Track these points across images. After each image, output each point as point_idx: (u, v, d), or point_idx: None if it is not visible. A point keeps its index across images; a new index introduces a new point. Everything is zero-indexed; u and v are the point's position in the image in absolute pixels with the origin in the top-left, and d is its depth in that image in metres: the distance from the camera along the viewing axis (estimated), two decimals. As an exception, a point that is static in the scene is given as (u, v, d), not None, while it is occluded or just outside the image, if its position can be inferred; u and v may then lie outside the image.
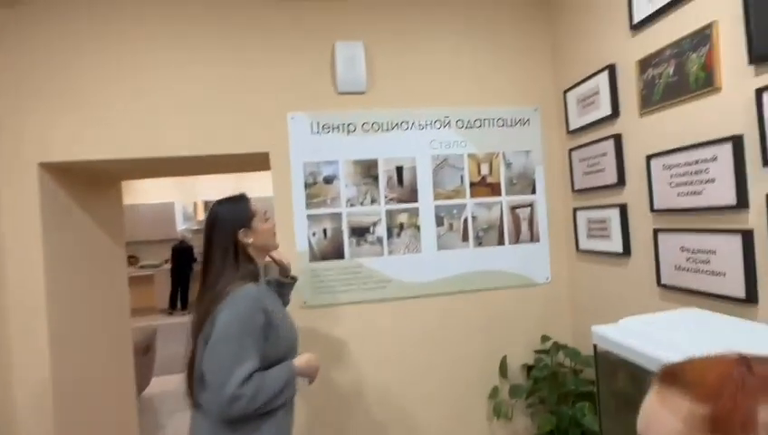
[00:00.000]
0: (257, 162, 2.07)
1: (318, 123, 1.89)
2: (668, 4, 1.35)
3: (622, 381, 1.12)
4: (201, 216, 7.47)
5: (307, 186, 1.88)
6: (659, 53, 1.41)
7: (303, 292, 1.85)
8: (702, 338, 0.99)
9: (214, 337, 1.04)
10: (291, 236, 1.86)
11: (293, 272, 1.52)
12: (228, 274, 1.13)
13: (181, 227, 7.37)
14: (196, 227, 7.43)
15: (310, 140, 1.88)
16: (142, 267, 7.09)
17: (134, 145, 1.77)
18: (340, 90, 1.90)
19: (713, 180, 1.23)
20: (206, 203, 7.45)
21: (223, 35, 1.84)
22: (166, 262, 7.29)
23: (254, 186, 7.05)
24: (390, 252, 1.93)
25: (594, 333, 1.14)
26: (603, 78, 1.68)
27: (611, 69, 1.63)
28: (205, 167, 2.76)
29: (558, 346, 1.87)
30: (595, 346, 1.15)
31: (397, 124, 1.95)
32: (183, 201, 7.53)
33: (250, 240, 1.20)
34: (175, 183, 7.46)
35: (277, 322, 1.14)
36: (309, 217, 1.87)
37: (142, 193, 7.38)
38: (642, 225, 1.54)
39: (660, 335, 1.01)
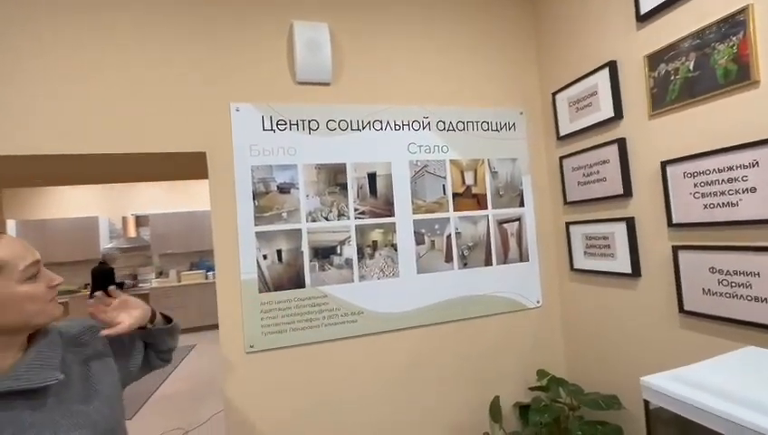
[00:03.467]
0: (196, 168, 1.63)
1: (271, 118, 1.51)
2: (686, -11, 1.18)
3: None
4: (132, 232, 6.56)
5: (256, 196, 1.48)
6: (674, 45, 1.23)
7: (248, 333, 1.43)
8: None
9: None
10: (234, 261, 1.44)
11: None
12: None
13: (107, 245, 6.39)
14: (126, 246, 6.50)
15: (260, 137, 1.50)
16: (54, 294, 5.96)
17: (23, 139, 1.27)
18: (300, 78, 1.54)
19: (753, 189, 1.05)
20: (137, 217, 6.56)
21: (149, 9, 1.42)
22: (86, 286, 6.25)
23: (202, 197, 6.40)
24: (362, 277, 1.57)
25: (645, 387, 0.87)
26: (602, 76, 1.50)
27: (612, 66, 1.45)
28: (126, 172, 2.25)
29: (557, 382, 1.62)
30: (646, 403, 0.88)
31: (369, 123, 1.63)
32: (109, 215, 6.57)
33: None
34: (100, 194, 6.52)
35: None
36: (258, 235, 1.47)
37: (58, 206, 6.35)
38: (656, 241, 1.35)
39: (737, 390, 0.76)
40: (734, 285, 1.11)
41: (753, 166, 1.04)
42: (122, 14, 1.40)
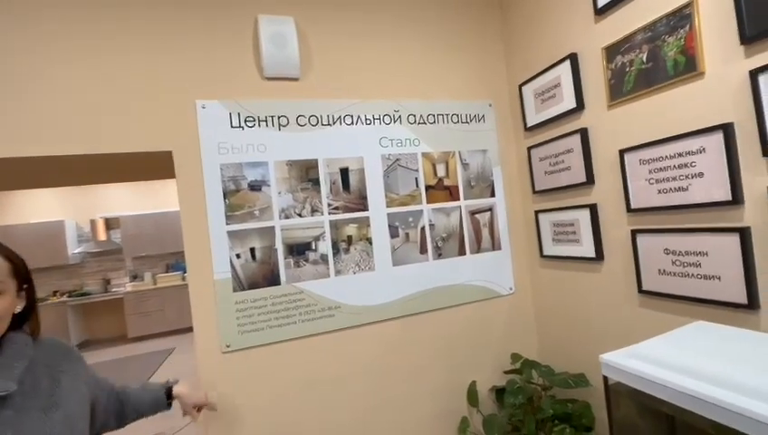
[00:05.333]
0: (163, 168, 1.59)
1: (239, 114, 1.49)
2: (638, -16, 1.23)
3: (639, 417, 0.92)
4: (102, 235, 6.32)
5: (227, 194, 1.46)
6: (629, 38, 1.29)
7: (224, 332, 1.42)
8: (727, 360, 0.83)
9: None
10: (206, 261, 1.42)
11: None
12: None
13: (75, 250, 6.14)
14: (96, 250, 6.26)
15: (228, 135, 1.47)
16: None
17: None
18: (267, 74, 1.52)
19: (701, 174, 1.12)
20: (107, 220, 6.32)
21: (107, 4, 1.37)
22: (55, 294, 6.01)
23: (174, 197, 6.20)
24: (338, 272, 1.58)
25: (604, 364, 0.92)
26: (564, 68, 1.55)
27: (573, 58, 1.50)
28: (90, 174, 2.16)
29: (530, 364, 1.69)
30: (605, 378, 0.93)
31: (339, 118, 1.62)
32: (76, 219, 6.30)
33: None
34: (65, 198, 6.23)
35: None
36: (230, 234, 1.45)
37: (21, 211, 6.03)
38: (617, 226, 1.41)
39: (686, 362, 0.82)
40: (685, 264, 1.18)
41: (701, 152, 1.11)
42: (79, 9, 1.34)
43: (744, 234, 1.03)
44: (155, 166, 1.69)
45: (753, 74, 0.97)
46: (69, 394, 0.77)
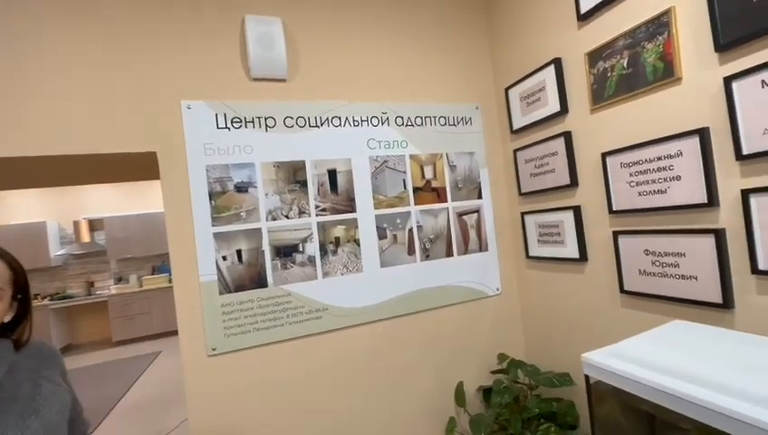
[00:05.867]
0: (148, 168, 1.57)
1: (225, 115, 1.48)
2: (619, -9, 1.26)
3: (621, 415, 0.94)
4: (86, 237, 6.17)
5: (213, 196, 1.45)
6: (610, 44, 1.32)
7: (210, 335, 1.40)
8: (703, 359, 0.85)
9: None
10: (191, 263, 1.41)
11: None
12: None
13: (58, 252, 5.99)
14: (79, 252, 6.11)
15: (215, 136, 1.46)
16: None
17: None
18: (254, 75, 1.52)
19: (678, 178, 1.15)
20: (90, 221, 6.18)
21: (93, 5, 1.34)
22: (36, 297, 5.85)
23: (161, 198, 6.12)
24: (325, 274, 1.58)
25: (585, 363, 0.94)
26: (549, 73, 1.57)
27: (557, 63, 1.53)
28: (73, 175, 2.12)
29: (516, 364, 1.71)
30: (587, 377, 0.95)
31: (327, 119, 1.62)
32: (59, 220, 6.15)
33: None
34: (46, 198, 6.08)
35: None
36: (216, 235, 1.44)
37: (1, 212, 5.86)
38: (599, 228, 1.44)
39: (664, 361, 0.84)
40: (664, 265, 1.21)
41: (678, 156, 1.14)
42: (64, 11, 1.31)
43: (719, 235, 1.06)
44: (139, 167, 1.67)
45: (727, 81, 1.00)
46: (49, 402, 0.76)
